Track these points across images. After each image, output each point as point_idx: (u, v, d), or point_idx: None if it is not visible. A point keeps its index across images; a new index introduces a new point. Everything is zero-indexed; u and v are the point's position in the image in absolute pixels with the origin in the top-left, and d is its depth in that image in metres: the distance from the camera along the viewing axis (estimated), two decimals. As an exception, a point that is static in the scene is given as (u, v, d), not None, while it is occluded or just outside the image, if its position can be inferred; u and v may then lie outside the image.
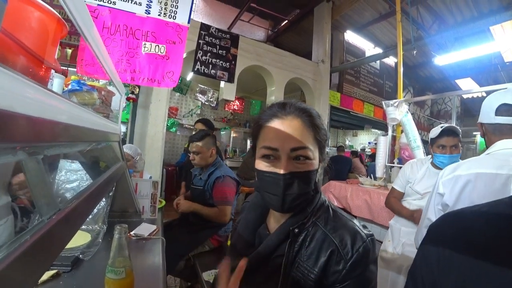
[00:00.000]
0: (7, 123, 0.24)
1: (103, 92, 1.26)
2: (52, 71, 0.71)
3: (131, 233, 1.32)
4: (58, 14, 0.56)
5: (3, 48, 0.44)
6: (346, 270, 0.59)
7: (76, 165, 1.37)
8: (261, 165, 0.66)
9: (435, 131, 1.71)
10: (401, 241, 1.78)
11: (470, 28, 4.23)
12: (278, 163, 0.63)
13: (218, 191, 1.89)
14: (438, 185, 1.09)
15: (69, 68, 1.89)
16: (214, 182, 1.92)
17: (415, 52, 4.53)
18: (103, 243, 1.17)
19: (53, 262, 0.68)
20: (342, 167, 5.56)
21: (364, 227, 0.67)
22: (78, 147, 0.76)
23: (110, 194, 1.42)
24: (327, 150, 0.73)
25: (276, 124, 0.65)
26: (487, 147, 1.09)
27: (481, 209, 0.44)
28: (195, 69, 3.86)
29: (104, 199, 1.37)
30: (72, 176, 1.33)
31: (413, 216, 1.72)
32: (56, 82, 0.90)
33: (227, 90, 4.18)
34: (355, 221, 0.68)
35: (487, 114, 1.06)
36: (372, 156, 5.82)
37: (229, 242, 0.58)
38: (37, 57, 0.52)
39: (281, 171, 0.62)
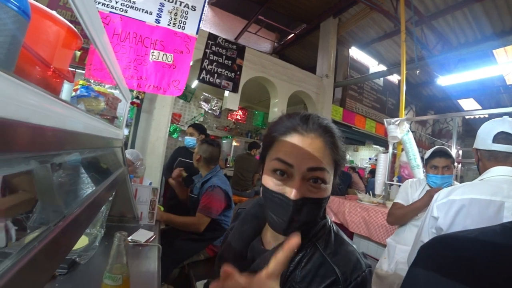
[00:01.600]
0: (21, 133, 0.25)
1: (109, 98, 1.29)
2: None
3: (128, 238, 1.33)
4: (74, 28, 0.59)
5: (21, 60, 0.47)
6: None
7: (78, 167, 1.39)
8: (270, 182, 0.58)
9: (428, 152, 1.74)
10: (395, 258, 1.78)
11: (473, 50, 4.29)
12: (290, 183, 0.56)
13: (204, 200, 1.88)
14: (433, 209, 1.09)
15: (76, 70, 1.91)
16: (205, 191, 1.92)
17: (418, 71, 4.59)
18: (100, 247, 1.18)
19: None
20: (342, 181, 5.55)
21: (364, 255, 0.63)
22: (85, 154, 0.78)
23: (110, 198, 1.43)
24: None
25: (295, 139, 0.57)
26: (480, 173, 1.09)
27: (473, 235, 0.42)
28: (201, 78, 3.92)
29: (103, 203, 1.38)
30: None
31: (424, 200, 1.67)
32: (65, 88, 0.93)
33: (231, 100, 4.22)
34: (355, 247, 0.64)
35: (484, 141, 1.07)
36: (373, 172, 5.81)
37: None
38: (52, 68, 0.55)
39: (292, 196, 0.54)
